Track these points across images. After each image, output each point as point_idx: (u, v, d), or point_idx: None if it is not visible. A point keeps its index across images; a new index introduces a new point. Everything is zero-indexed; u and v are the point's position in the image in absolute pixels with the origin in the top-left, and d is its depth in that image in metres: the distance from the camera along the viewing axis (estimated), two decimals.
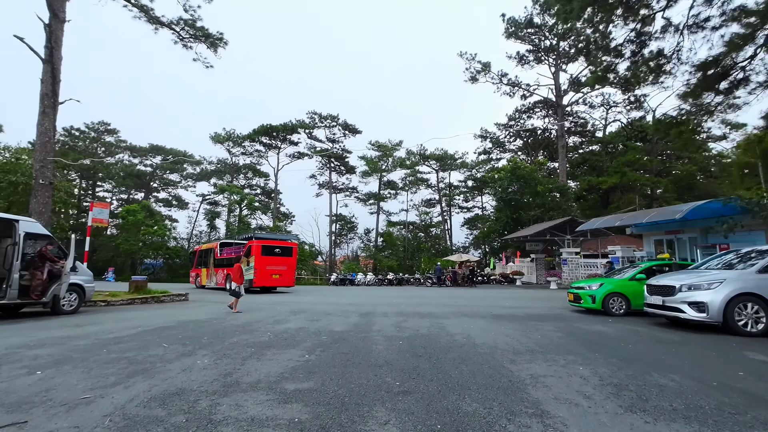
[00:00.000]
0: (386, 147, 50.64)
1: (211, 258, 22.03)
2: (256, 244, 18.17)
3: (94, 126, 50.84)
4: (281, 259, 18.76)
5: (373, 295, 17.76)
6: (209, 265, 22.29)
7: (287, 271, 19.13)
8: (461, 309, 10.99)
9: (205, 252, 23.54)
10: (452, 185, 57.38)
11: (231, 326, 7.47)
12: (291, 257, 19.34)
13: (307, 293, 19.13)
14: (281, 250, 18.89)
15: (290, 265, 19.32)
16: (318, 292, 20.03)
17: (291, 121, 47.04)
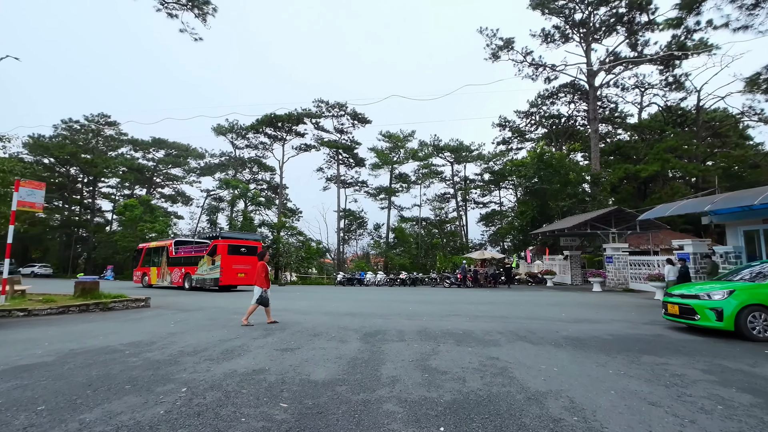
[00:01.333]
0: (398, 138, 47.49)
1: (164, 256, 21.36)
2: (222, 243, 18.09)
3: (94, 118, 48.91)
4: (247, 258, 18.67)
5: (383, 299, 14.65)
6: (161, 263, 21.51)
7: (252, 270, 18.28)
8: (507, 325, 7.78)
9: (156, 250, 22.71)
10: (468, 179, 53.89)
11: (144, 364, 4.44)
12: (256, 256, 18.88)
13: (307, 295, 16.22)
14: (247, 249, 18.91)
15: (255, 264, 17.62)
16: (320, 294, 17.09)
17: (296, 110, 44.21)
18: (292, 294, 17.54)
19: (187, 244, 20.92)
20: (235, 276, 18.35)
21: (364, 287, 25.03)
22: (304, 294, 17.65)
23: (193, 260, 19.30)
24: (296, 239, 39.94)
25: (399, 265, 36.95)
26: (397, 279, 26.67)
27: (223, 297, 15.07)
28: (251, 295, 7.84)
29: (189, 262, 19.61)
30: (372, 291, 20.36)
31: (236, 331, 6.80)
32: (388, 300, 13.99)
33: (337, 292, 19.39)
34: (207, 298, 14.50)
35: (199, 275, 18.63)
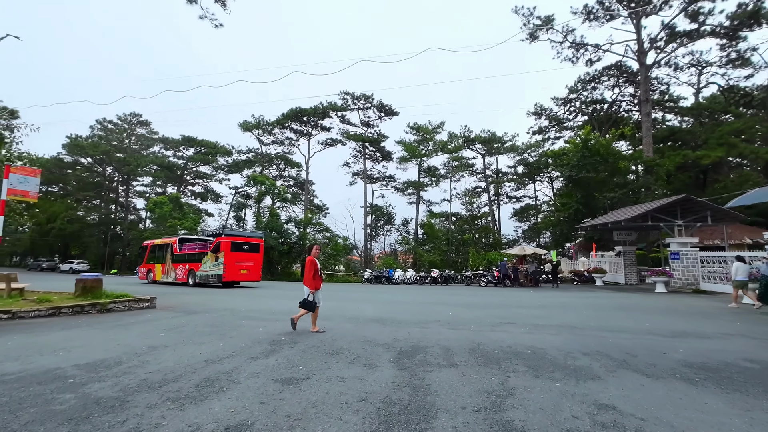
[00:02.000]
0: (426, 129, 45.53)
1: (169, 253, 21.63)
2: (225, 240, 18.48)
3: (126, 118, 49.96)
4: (249, 255, 19.17)
5: (416, 300, 12.99)
6: (165, 260, 21.79)
7: (254, 267, 19.45)
8: (585, 339, 5.93)
9: (160, 247, 22.94)
10: (500, 171, 51.17)
11: (73, 406, 3.01)
12: (258, 253, 19.94)
13: (332, 295, 14.83)
14: (249, 246, 19.37)
15: (257, 260, 19.81)
16: (346, 294, 15.67)
17: (321, 103, 43.13)
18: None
19: (191, 242, 21.30)
20: (237, 272, 18.69)
21: (392, 286, 23.44)
22: (328, 293, 16.27)
23: (197, 257, 19.66)
24: (323, 236, 38.93)
25: (428, 263, 35.13)
26: (427, 277, 24.90)
27: (238, 296, 13.88)
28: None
29: (193, 258, 19.92)
30: (402, 290, 18.73)
31: (236, 344, 5.34)
32: (422, 301, 12.30)
33: (364, 292, 17.92)
34: (220, 297, 13.34)
35: (203, 272, 18.95)
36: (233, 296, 13.75)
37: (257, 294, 15.18)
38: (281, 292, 16.31)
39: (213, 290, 16.89)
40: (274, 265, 37.95)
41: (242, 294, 15.10)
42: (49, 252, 53.05)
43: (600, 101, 40.22)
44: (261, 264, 20.41)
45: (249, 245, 19.43)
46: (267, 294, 15.20)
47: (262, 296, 14.09)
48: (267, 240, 34.55)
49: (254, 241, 19.99)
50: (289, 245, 38.31)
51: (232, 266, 18.36)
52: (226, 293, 15.27)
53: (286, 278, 35.56)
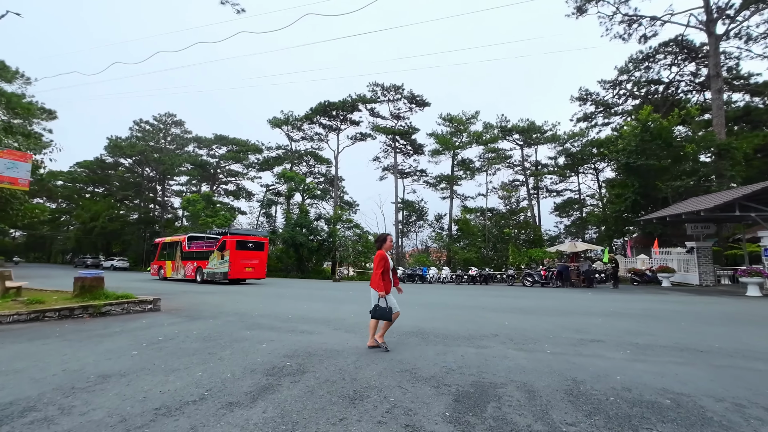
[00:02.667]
0: (459, 120, 43.16)
1: (178, 251, 22.17)
2: (230, 239, 18.92)
3: (160, 118, 51.00)
4: (254, 254, 19.74)
5: (458, 303, 11.14)
6: (175, 257, 22.33)
7: (259, 265, 20.06)
8: (737, 373, 3.93)
9: (170, 244, 23.59)
10: (539, 163, 47.86)
11: None
12: (263, 251, 20.50)
13: (361, 296, 13.30)
14: (254, 245, 19.86)
15: (262, 258, 20.36)
16: None
17: (350, 95, 41.78)
18: (344, 293, 14.71)
19: (200, 240, 21.87)
20: (242, 270, 19.20)
21: (427, 285, 21.62)
22: (357, 293, 14.72)
23: (205, 255, 20.20)
24: (353, 232, 37.67)
25: (463, 260, 32.98)
26: (464, 276, 22.88)
27: (254, 296, 12.59)
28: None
29: (201, 256, 20.45)
30: (438, 291, 16.88)
31: (219, 373, 3.79)
32: (466, 305, 10.43)
33: None
34: (235, 297, 12.08)
35: (210, 269, 19.49)
36: (249, 296, 12.48)
37: (277, 294, 13.86)
38: (306, 292, 14.95)
39: (228, 289, 15.81)
40: (305, 263, 37.10)
41: (260, 293, 13.83)
42: (94, 249, 55.27)
43: (656, 81, 36.24)
44: (266, 262, 21.01)
45: (254, 244, 20.00)
46: (289, 294, 13.85)
47: (283, 296, 12.74)
48: (296, 236, 33.71)
49: (259, 240, 20.56)
50: (319, 242, 37.31)
51: (237, 264, 18.92)
52: (242, 292, 14.07)
53: (316, 276, 34.58)
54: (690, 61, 34.86)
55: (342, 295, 13.91)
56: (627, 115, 39.72)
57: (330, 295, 13.75)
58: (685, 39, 31.98)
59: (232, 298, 11.64)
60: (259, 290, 15.52)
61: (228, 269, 18.58)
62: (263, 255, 20.61)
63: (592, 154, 42.32)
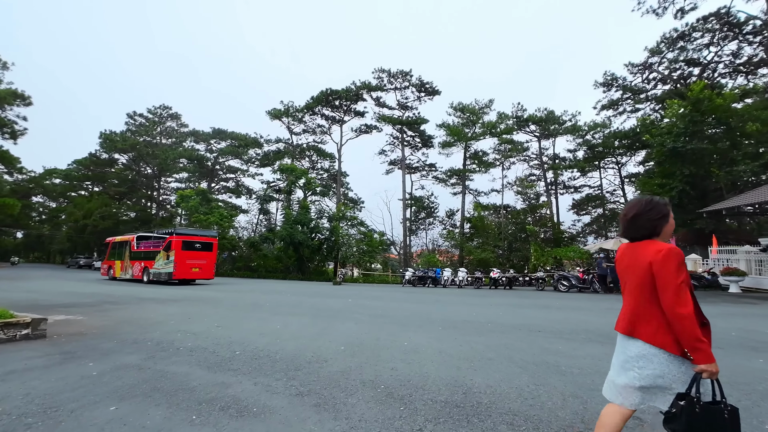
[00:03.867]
0: (472, 110, 40.01)
1: (127, 250, 21.84)
2: (176, 239, 18.68)
3: (155, 110, 48.52)
4: (201, 254, 19.44)
5: (496, 320, 8.04)
6: (124, 257, 21.95)
7: (207, 265, 19.74)
8: None
9: (120, 244, 23.07)
10: (557, 156, 44.47)
11: None
12: (211, 252, 20.19)
13: (365, 304, 10.28)
14: (201, 245, 19.56)
15: (210, 259, 20.07)
16: (383, 302, 11.09)
17: (354, 82, 38.79)
18: (342, 301, 11.66)
19: (148, 239, 21.52)
20: (188, 270, 18.84)
21: (441, 289, 18.51)
22: (360, 301, 11.66)
23: (152, 255, 19.76)
24: (357, 230, 34.67)
25: (477, 260, 29.81)
26: (482, 279, 19.75)
27: (218, 308, 9.62)
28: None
29: (148, 256, 19.98)
30: (459, 298, 13.77)
31: None
32: (514, 325, 7.30)
33: (407, 298, 13.18)
34: (191, 310, 9.10)
35: (156, 269, 19.08)
36: (215, 306, 9.50)
37: (254, 303, 10.83)
38: (296, 299, 11.95)
39: (193, 295, 12.84)
40: (306, 264, 34.18)
41: (232, 302, 10.83)
42: (88, 249, 52.98)
43: (693, 62, 32.67)
44: (214, 262, 20.73)
45: (201, 244, 19.62)
46: (271, 302, 10.82)
47: (260, 306, 9.72)
48: (295, 234, 30.79)
49: (207, 240, 20.21)
50: (320, 241, 34.37)
51: (183, 264, 18.50)
52: (210, 301, 11.08)
53: (318, 277, 31.65)
54: (731, 40, 31.28)
55: (339, 304, 10.86)
56: (657, 101, 36.21)
57: (323, 304, 10.71)
58: (729, 11, 28.46)
59: (185, 310, 8.68)
60: (235, 297, 12.55)
61: (173, 269, 18.26)
62: (212, 255, 20.34)
63: (614, 147, 39.04)
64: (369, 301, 11.81)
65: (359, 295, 14.64)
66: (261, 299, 11.96)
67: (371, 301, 11.84)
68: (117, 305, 9.46)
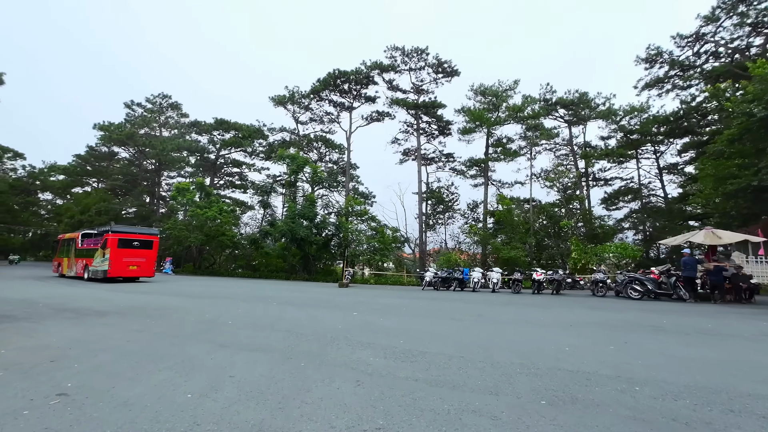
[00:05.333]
0: (494, 92, 36.00)
1: (73, 248, 21.84)
2: (112, 237, 18.43)
3: (154, 99, 45.72)
4: (140, 252, 19.16)
5: (643, 375, 4.31)
6: (71, 254, 21.99)
7: (146, 263, 19.45)
8: None
9: (68, 241, 23.22)
10: (588, 145, 40.07)
11: None
12: (151, 250, 19.87)
13: (371, 320, 6.66)
14: (140, 243, 19.28)
15: (149, 257, 19.77)
16: (397, 321, 7.46)
17: (365, 62, 35.13)
18: (344, 314, 8.00)
19: (90, 237, 21.28)
20: (125, 268, 18.55)
21: (471, 294, 14.74)
22: (369, 316, 7.99)
23: (92, 252, 19.57)
24: (368, 225, 31.10)
25: (504, 259, 25.88)
26: (518, 282, 15.88)
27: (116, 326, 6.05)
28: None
29: (89, 254, 19.80)
30: (505, 309, 10.01)
31: None
32: (672, 383, 3.56)
33: (434, 309, 9.46)
34: (78, 332, 5.56)
35: (94, 267, 18.83)
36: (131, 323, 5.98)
37: (213, 317, 7.24)
38: (277, 311, 8.35)
39: (134, 302, 9.34)
40: (312, 262, 30.76)
41: (165, 321, 7.27)
42: None
43: (759, 27, 28.03)
44: (154, 260, 20.40)
45: (140, 242, 19.30)
46: (241, 316, 7.22)
47: (213, 327, 6.13)
48: (296, 230, 27.38)
49: (146, 238, 19.86)
50: (327, 238, 30.91)
51: (119, 262, 18.26)
52: (139, 313, 7.55)
53: (325, 278, 28.20)
54: None
55: (336, 320, 7.21)
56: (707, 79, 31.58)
57: (312, 321, 7.07)
58: None
59: (94, 332, 5.15)
60: (195, 307, 9.01)
61: (108, 267, 17.96)
62: (151, 253, 19.92)
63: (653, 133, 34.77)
64: (381, 316, 8.13)
65: (369, 303, 10.97)
66: (228, 310, 8.40)
67: (385, 316, 8.17)
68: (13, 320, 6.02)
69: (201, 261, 37.91)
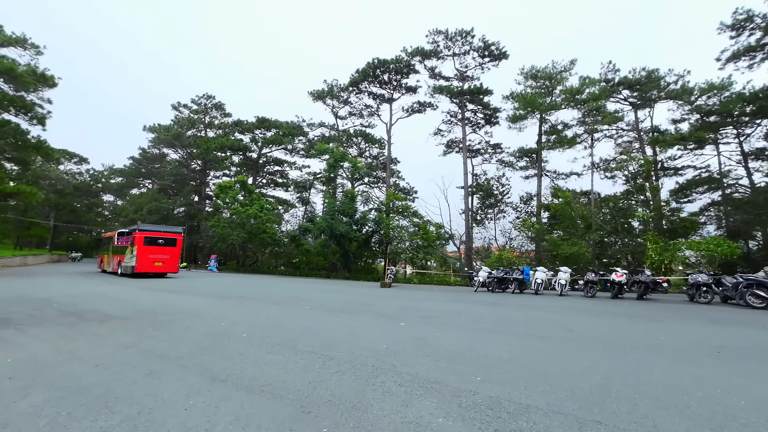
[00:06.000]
0: (548, 74, 32.77)
1: (111, 245, 23.05)
2: (139, 235, 19.45)
3: (198, 100, 46.71)
4: (164, 249, 20.21)
5: None
6: (109, 251, 23.32)
7: (170, 260, 20.45)
8: None
9: (108, 239, 24.58)
10: (657, 130, 35.46)
11: None
12: (174, 247, 20.91)
13: (424, 335, 4.90)
14: (164, 240, 20.33)
15: (173, 254, 20.77)
16: (464, 338, 5.61)
17: (405, 49, 33.22)
18: (390, 326, 6.25)
19: (123, 235, 22.78)
20: (151, 264, 19.39)
21: (535, 297, 12.44)
22: (421, 328, 6.18)
23: (124, 249, 20.69)
24: (410, 221, 29.26)
25: (564, 257, 22.97)
26: (593, 283, 13.31)
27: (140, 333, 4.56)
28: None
29: (122, 251, 20.92)
30: (601, 322, 7.78)
31: None
32: None
33: (507, 319, 7.41)
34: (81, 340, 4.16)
35: (125, 263, 19.92)
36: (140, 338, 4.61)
37: (224, 328, 5.77)
38: (310, 319, 6.79)
39: (164, 303, 8.12)
40: (352, 260, 29.47)
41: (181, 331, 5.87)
42: None
43: None
44: (178, 257, 21.32)
45: (164, 239, 20.39)
46: (264, 326, 5.72)
47: (224, 340, 4.64)
48: (335, 226, 26.12)
49: (170, 236, 21.04)
50: (368, 234, 29.46)
51: (145, 258, 19.18)
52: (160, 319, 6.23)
53: (365, 277, 26.77)
54: None
55: (381, 333, 5.49)
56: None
57: (348, 335, 5.41)
58: None
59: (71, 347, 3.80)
60: (219, 312, 7.67)
61: (135, 263, 18.96)
62: (175, 250, 21.01)
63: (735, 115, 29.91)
64: (437, 330, 6.27)
65: (417, 309, 9.14)
66: (249, 317, 6.96)
67: (441, 329, 6.31)
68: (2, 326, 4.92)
69: (244, 259, 37.96)
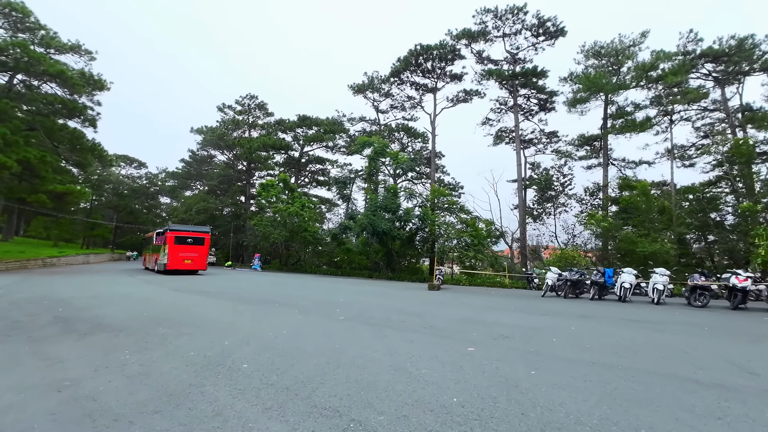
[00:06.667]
0: (613, 50, 29.13)
1: (151, 244, 25.14)
2: (170, 234, 20.72)
3: (242, 101, 47.25)
4: (193, 248, 21.42)
5: None
6: (150, 250, 25.59)
7: (199, 257, 21.72)
8: None
9: (149, 239, 26.53)
10: (749, 108, 30.36)
11: None
12: (203, 246, 22.18)
13: (516, 377, 3.09)
14: (193, 239, 21.52)
15: (202, 252, 22.08)
16: (570, 373, 3.71)
17: (450, 32, 30.91)
18: (452, 344, 4.37)
19: (160, 235, 23.32)
20: (181, 262, 20.63)
21: (623, 306, 9.91)
22: (497, 353, 4.26)
23: (159, 248, 22.00)
24: (457, 217, 27.03)
25: (642, 256, 19.65)
26: (704, 291, 10.49)
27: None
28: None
29: (158, 249, 22.29)
30: (757, 348, 5.42)
31: None
32: None
33: (603, 340, 5.14)
34: None
35: (159, 261, 21.38)
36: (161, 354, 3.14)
37: (248, 337, 4.19)
38: (346, 330, 5.04)
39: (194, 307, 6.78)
40: (395, 259, 27.77)
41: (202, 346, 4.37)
42: None
43: None
44: (206, 255, 22.40)
45: (193, 239, 21.45)
46: (287, 336, 4.10)
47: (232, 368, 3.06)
48: (378, 223, 24.50)
49: (198, 235, 22.04)
50: (412, 232, 27.60)
51: (176, 256, 20.37)
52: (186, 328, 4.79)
53: (410, 277, 24.96)
54: None
55: (444, 369, 3.62)
56: None
57: (399, 371, 3.60)
58: None
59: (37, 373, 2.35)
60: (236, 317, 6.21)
61: (166, 261, 20.04)
62: (203, 249, 22.07)
63: None
64: (525, 361, 4.30)
65: (483, 322, 7.14)
66: (266, 332, 5.37)
67: (530, 361, 4.32)
68: None
69: (287, 257, 37.55)
